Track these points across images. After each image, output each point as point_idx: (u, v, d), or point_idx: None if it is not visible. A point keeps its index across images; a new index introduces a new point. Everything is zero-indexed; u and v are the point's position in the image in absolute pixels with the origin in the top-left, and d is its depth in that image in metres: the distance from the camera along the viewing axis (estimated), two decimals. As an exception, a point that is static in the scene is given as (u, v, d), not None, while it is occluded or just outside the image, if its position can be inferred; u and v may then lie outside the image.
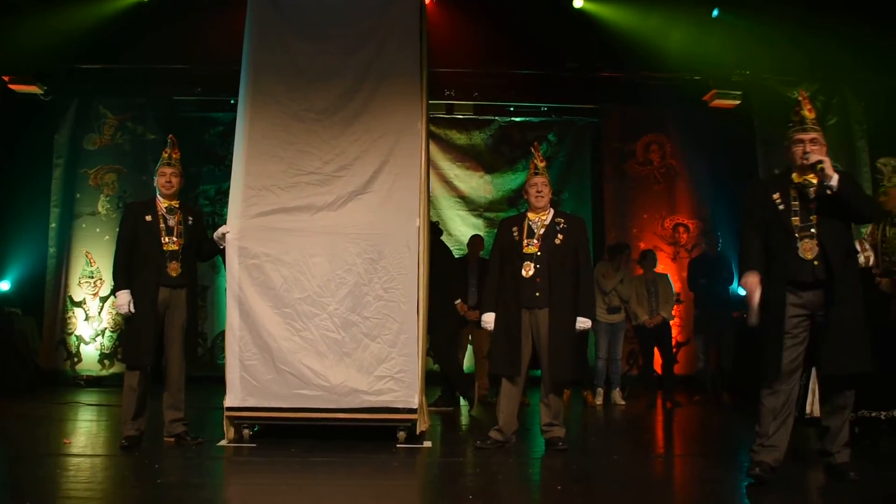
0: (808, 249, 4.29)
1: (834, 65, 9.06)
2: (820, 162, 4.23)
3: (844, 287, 4.28)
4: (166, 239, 5.39)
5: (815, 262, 4.28)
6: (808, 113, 4.46)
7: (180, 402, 5.46)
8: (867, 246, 5.45)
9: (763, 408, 4.43)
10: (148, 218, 5.39)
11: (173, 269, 5.38)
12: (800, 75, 9.29)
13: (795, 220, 4.34)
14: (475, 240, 8.44)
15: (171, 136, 5.70)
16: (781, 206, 4.38)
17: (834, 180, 4.20)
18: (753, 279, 4.37)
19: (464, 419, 7.10)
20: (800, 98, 4.57)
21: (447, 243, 8.86)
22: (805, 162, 4.33)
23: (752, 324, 4.37)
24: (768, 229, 4.44)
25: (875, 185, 6.35)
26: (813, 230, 4.30)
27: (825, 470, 4.54)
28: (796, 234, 4.32)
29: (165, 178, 5.49)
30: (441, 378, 7.73)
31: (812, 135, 4.39)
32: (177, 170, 5.56)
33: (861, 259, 5.32)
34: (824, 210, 4.32)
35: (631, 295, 8.20)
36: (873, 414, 5.37)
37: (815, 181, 4.33)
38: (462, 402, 7.79)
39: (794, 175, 4.44)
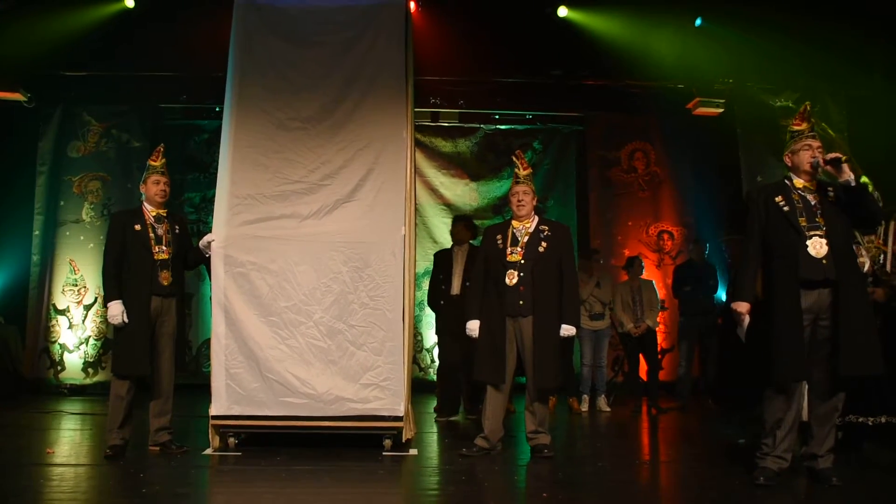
0: (817, 248, 4.37)
1: (816, 73, 9.15)
2: (840, 158, 4.35)
3: (852, 289, 4.36)
4: (157, 248, 5.37)
5: (825, 261, 4.36)
6: (813, 124, 4.61)
7: (168, 411, 5.45)
8: (864, 252, 5.50)
9: (768, 413, 4.50)
10: (137, 227, 5.36)
11: (165, 277, 5.36)
12: (782, 84, 9.39)
13: (802, 220, 4.43)
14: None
15: (161, 144, 5.69)
16: (787, 208, 4.48)
17: (852, 178, 4.33)
18: (743, 308, 4.55)
19: (450, 427, 7.09)
20: (807, 107, 4.68)
21: (432, 250, 8.87)
22: (824, 159, 4.41)
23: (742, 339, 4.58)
24: (774, 232, 4.52)
25: None
26: (821, 230, 4.39)
27: (808, 475, 4.58)
28: (805, 234, 4.40)
29: (160, 187, 5.48)
30: (442, 388, 7.68)
31: (818, 142, 4.54)
32: (168, 178, 5.56)
33: None
34: (828, 212, 4.42)
35: (616, 301, 8.23)
36: (860, 419, 5.41)
37: (813, 184, 4.44)
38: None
39: (795, 181, 4.54)
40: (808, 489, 4.47)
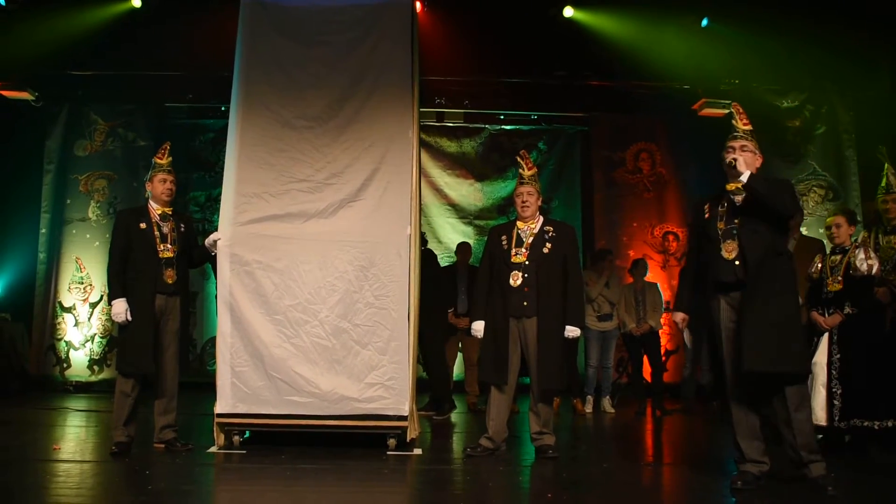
0: (729, 250, 4.44)
1: (822, 74, 9.15)
2: (734, 160, 4.41)
3: (768, 285, 4.34)
4: (162, 246, 5.37)
5: (736, 262, 4.42)
6: (742, 125, 4.62)
7: (172, 409, 5.45)
8: (872, 254, 5.47)
9: (732, 417, 4.52)
10: (142, 225, 5.37)
11: (169, 276, 5.37)
12: (788, 85, 9.38)
13: (720, 224, 4.50)
14: (463, 247, 8.46)
15: (167, 142, 5.69)
16: (707, 215, 4.60)
17: (744, 176, 4.35)
18: (679, 318, 4.83)
19: (454, 427, 7.10)
20: (732, 110, 4.70)
21: (437, 251, 8.90)
22: (728, 167, 4.47)
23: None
24: (702, 239, 4.64)
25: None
26: (735, 232, 4.44)
27: (803, 483, 4.48)
28: (719, 237, 4.47)
29: (166, 185, 5.48)
30: (429, 384, 7.76)
31: (741, 142, 4.55)
32: (175, 176, 5.57)
33: (864, 266, 5.37)
34: (748, 213, 4.43)
35: (620, 301, 8.23)
36: (865, 423, 5.39)
37: (741, 188, 4.45)
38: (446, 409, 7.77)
39: (727, 185, 4.55)
40: (812, 494, 4.44)
